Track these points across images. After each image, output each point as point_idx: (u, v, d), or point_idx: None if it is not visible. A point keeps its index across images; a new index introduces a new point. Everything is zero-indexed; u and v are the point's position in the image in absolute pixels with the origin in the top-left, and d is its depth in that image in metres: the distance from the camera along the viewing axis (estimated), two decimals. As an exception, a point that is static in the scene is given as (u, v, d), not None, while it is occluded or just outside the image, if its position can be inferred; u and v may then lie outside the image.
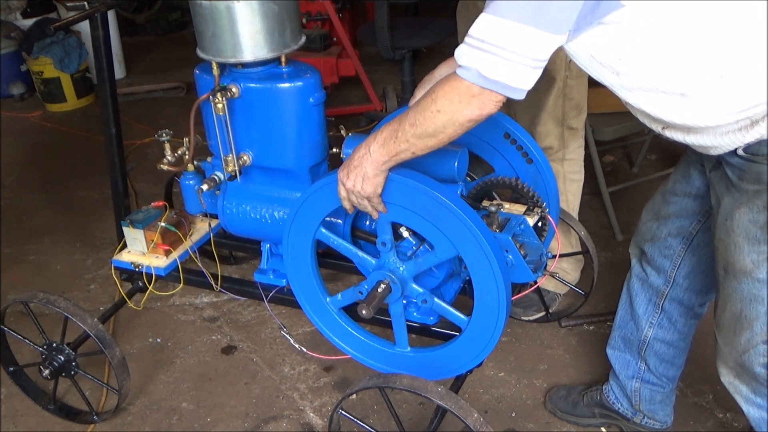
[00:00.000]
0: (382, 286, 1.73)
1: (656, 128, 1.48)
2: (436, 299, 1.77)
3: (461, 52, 1.34)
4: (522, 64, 1.29)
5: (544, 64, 1.32)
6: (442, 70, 1.79)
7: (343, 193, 1.65)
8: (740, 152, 1.38)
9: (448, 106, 1.38)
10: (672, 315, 1.88)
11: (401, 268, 1.75)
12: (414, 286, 1.76)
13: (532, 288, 1.97)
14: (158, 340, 2.66)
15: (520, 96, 1.34)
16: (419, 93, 1.78)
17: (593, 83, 1.68)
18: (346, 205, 1.68)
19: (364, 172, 1.58)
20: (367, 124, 4.22)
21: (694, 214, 1.72)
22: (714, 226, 1.54)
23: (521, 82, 1.32)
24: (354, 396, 1.85)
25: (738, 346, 1.55)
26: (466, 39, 1.33)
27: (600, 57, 1.36)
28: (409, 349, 1.85)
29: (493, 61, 1.29)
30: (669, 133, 1.46)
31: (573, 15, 1.26)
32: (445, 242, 1.63)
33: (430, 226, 1.63)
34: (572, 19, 1.26)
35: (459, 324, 1.77)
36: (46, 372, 2.13)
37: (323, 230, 1.80)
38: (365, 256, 1.81)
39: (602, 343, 2.08)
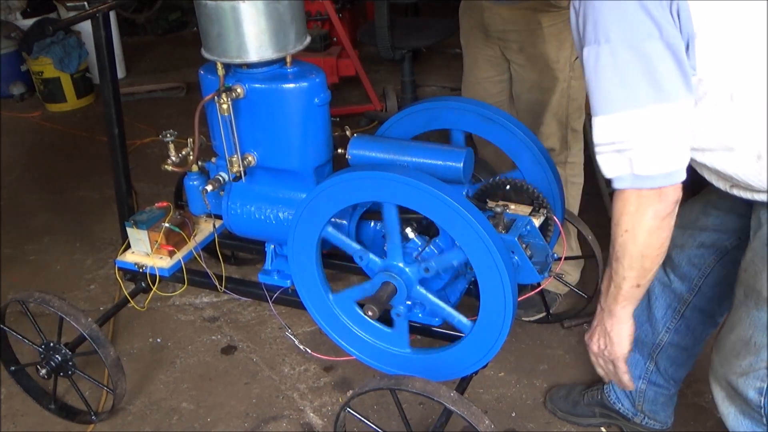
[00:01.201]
0: (389, 288, 1.72)
1: (723, 186, 1.46)
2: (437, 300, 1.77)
3: (604, 166, 1.31)
4: (668, 145, 1.26)
5: (685, 134, 1.28)
6: None
7: (593, 358, 1.64)
8: None
9: (629, 220, 1.33)
10: (691, 322, 1.86)
11: (407, 270, 1.74)
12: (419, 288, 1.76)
13: (536, 290, 1.97)
14: (158, 340, 2.66)
15: (682, 177, 1.30)
16: None
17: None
18: (600, 371, 1.66)
19: (603, 329, 1.54)
20: (367, 124, 4.21)
21: (735, 231, 1.68)
22: (747, 248, 1.51)
23: (675, 162, 1.28)
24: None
25: (737, 369, 1.53)
26: (598, 149, 1.28)
27: None
28: (408, 350, 1.83)
29: (637, 156, 1.26)
30: (737, 192, 1.44)
31: (683, 76, 1.23)
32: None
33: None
34: (687, 79, 1.23)
35: (461, 328, 1.76)
36: (43, 371, 2.13)
37: (330, 229, 1.78)
38: (373, 257, 1.78)
39: (602, 343, 2.08)
